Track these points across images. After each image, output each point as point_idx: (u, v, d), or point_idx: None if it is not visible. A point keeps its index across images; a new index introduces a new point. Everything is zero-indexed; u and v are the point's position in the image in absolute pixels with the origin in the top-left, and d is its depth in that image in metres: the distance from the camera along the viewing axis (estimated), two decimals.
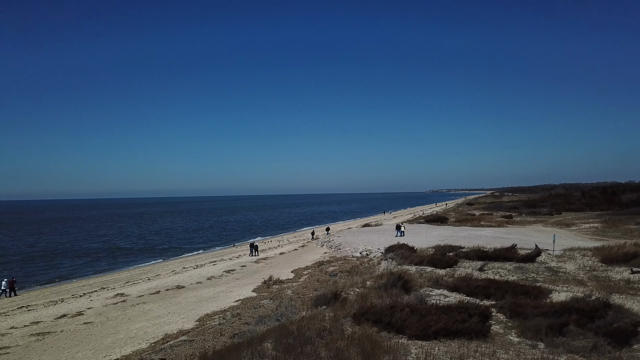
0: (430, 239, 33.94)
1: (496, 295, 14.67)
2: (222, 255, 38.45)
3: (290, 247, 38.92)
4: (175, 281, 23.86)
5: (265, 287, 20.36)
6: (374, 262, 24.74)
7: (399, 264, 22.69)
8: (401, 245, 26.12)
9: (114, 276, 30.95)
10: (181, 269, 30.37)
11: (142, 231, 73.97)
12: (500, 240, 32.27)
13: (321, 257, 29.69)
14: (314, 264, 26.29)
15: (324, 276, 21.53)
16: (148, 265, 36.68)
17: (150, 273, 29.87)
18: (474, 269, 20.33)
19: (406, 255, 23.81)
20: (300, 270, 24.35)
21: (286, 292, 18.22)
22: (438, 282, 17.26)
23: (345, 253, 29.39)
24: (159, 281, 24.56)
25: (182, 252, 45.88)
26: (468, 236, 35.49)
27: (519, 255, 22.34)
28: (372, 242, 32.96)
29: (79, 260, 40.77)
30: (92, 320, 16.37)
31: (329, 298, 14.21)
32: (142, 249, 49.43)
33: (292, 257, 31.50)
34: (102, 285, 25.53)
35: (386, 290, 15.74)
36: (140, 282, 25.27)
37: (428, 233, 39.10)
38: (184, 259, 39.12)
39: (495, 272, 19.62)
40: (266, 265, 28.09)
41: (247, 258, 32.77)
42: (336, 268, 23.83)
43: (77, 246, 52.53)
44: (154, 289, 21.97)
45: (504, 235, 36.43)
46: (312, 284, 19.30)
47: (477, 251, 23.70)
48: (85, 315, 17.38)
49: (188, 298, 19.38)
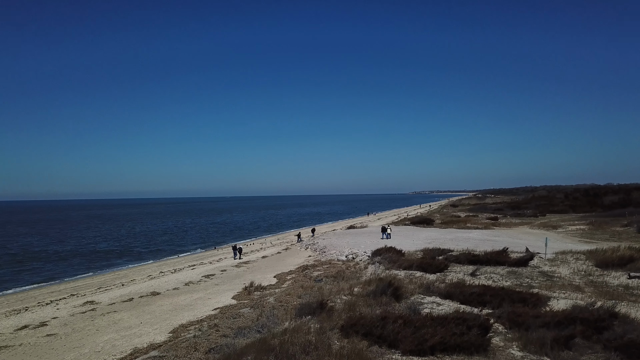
0: (418, 242, 33.26)
1: (492, 303, 13.92)
2: (202, 259, 37.03)
3: (273, 250, 37.74)
4: (151, 287, 22.52)
5: (246, 294, 19.24)
6: (360, 266, 23.86)
7: (387, 268, 21.85)
8: (388, 248, 25.31)
9: (87, 281, 29.29)
10: (158, 273, 28.92)
11: (123, 233, 71.52)
12: (488, 243, 31.79)
13: (305, 260, 28.67)
14: (298, 269, 25.27)
15: (308, 282, 20.55)
16: (124, 270, 35.01)
17: (126, 278, 28.33)
18: (466, 273, 19.64)
19: (394, 259, 22.99)
20: (284, 275, 23.30)
21: (268, 299, 17.17)
22: (430, 289, 16.46)
23: (330, 256, 28.44)
24: (133, 287, 23.17)
25: (161, 255, 44.15)
26: (456, 238, 34.97)
27: (511, 259, 21.76)
28: (358, 245, 32.10)
29: (51, 265, 38.74)
30: (55, 332, 15.02)
31: (314, 307, 13.23)
32: (119, 251, 47.36)
33: (275, 260, 30.38)
34: (72, 292, 23.97)
35: (375, 298, 14.86)
36: (114, 288, 23.81)
37: (415, 235, 38.47)
38: (163, 263, 37.55)
39: (488, 277, 18.95)
40: (248, 269, 26.93)
41: (228, 262, 31.52)
42: (321, 273, 22.86)
43: (51, 249, 50.12)
44: (127, 295, 20.61)
45: (492, 237, 36.05)
46: (296, 291, 18.29)
47: (467, 255, 23.05)
48: (49, 326, 15.98)
49: (163, 306, 18.14)
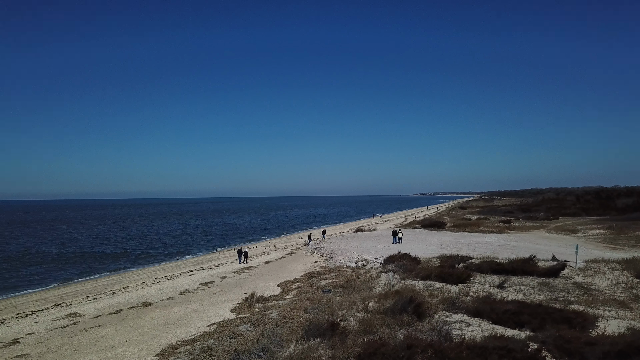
0: (432, 247, 31.17)
1: (532, 324, 11.84)
2: (202, 263, 35.10)
3: (277, 254, 35.72)
4: (143, 296, 20.59)
5: (246, 306, 17.23)
6: (372, 274, 21.81)
7: (402, 278, 19.79)
8: (402, 255, 23.21)
9: (78, 287, 27.42)
10: (154, 279, 27.01)
11: (122, 234, 69.75)
12: (507, 249, 29.66)
13: (311, 267, 26.65)
14: (303, 276, 23.26)
15: (315, 292, 18.52)
16: (119, 274, 33.15)
17: (118, 284, 26.45)
18: (492, 285, 17.55)
19: (410, 268, 20.93)
20: (288, 284, 21.29)
21: (271, 314, 15.16)
22: (455, 304, 14.38)
23: (338, 263, 26.39)
24: (124, 296, 21.24)
25: (159, 259, 42.27)
26: (471, 243, 32.83)
27: (540, 269, 19.63)
28: (368, 250, 30.03)
29: (44, 269, 36.89)
30: (27, 352, 13.08)
31: (324, 328, 11.21)
32: (116, 254, 45.49)
33: (278, 266, 28.37)
34: (58, 300, 22.08)
35: (395, 316, 12.81)
36: (103, 297, 21.90)
37: (427, 240, 36.34)
38: (161, 267, 35.65)
39: (518, 289, 16.84)
40: (249, 276, 24.94)
41: (228, 267, 29.57)
42: (329, 282, 20.83)
43: (46, 251, 48.28)
44: (115, 306, 18.67)
45: (509, 242, 33.87)
46: (302, 303, 16.28)
47: (490, 263, 20.93)
48: (21, 344, 14.06)
49: (154, 319, 16.19)
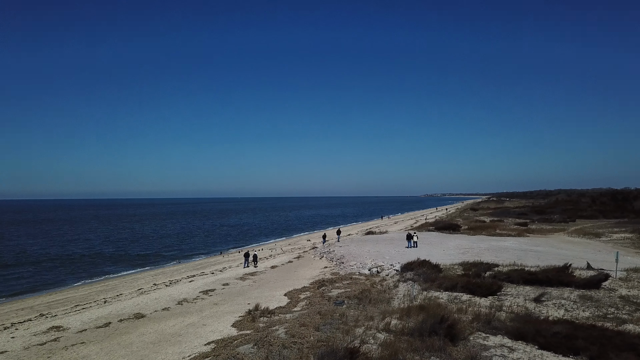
0: (450, 252, 29.04)
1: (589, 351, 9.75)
2: (204, 267, 33.25)
3: (284, 258, 33.77)
4: (137, 306, 18.73)
5: (250, 320, 15.29)
6: (388, 283, 19.78)
7: (424, 288, 17.75)
8: (422, 262, 21.12)
9: (69, 294, 25.63)
10: (151, 286, 25.19)
11: (123, 235, 68.12)
12: (531, 255, 27.48)
13: (321, 273, 24.68)
14: (312, 284, 21.31)
15: (326, 304, 16.55)
16: (116, 279, 31.37)
17: (113, 291, 24.66)
18: (527, 298, 15.44)
19: (431, 277, 18.85)
20: (296, 294, 19.33)
21: (277, 331, 13.22)
22: (490, 323, 12.29)
23: (350, 269, 24.36)
24: (116, 305, 19.39)
25: (160, 262, 40.46)
26: (491, 248, 30.64)
27: (578, 279, 17.47)
28: (382, 255, 27.94)
29: (37, 272, 34.79)
30: None
31: (341, 356, 9.27)
32: (115, 257, 43.51)
33: (285, 272, 26.41)
34: (44, 310, 20.30)
35: (422, 338, 10.82)
36: (94, 306, 20.07)
37: (443, 243, 34.16)
38: (160, 271, 33.83)
39: (558, 304, 14.70)
40: (254, 283, 23.02)
41: (232, 272, 27.69)
42: (341, 291, 18.83)
43: (42, 253, 46.27)
44: (104, 318, 16.81)
45: (532, 247, 31.63)
46: (312, 318, 14.32)
47: (520, 272, 18.77)
48: None
49: (145, 335, 14.30)
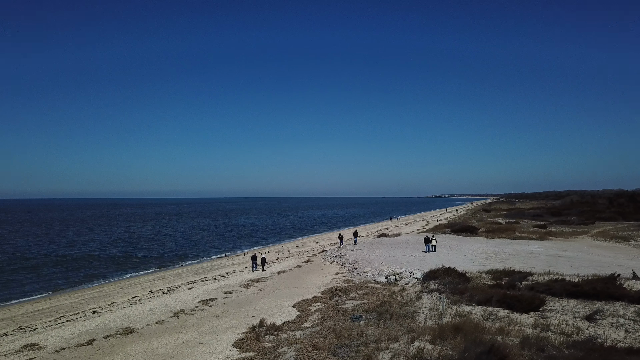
0: (472, 257, 26.74)
1: None
2: (207, 271, 31.25)
3: (291, 262, 31.64)
4: (128, 318, 16.70)
5: (254, 339, 13.18)
6: (409, 294, 17.58)
7: (453, 301, 15.55)
8: (446, 269, 18.84)
9: (59, 301, 23.69)
10: (147, 293, 23.19)
11: (124, 236, 66.12)
12: (561, 261, 25.14)
13: (332, 280, 22.53)
14: (324, 293, 19.18)
15: (341, 319, 14.37)
16: (111, 284, 29.43)
17: (105, 298, 22.70)
18: (577, 316, 13.12)
19: (459, 287, 16.59)
20: (306, 305, 17.18)
21: (286, 354, 11.14)
22: (544, 351, 10.15)
23: (364, 276, 22.16)
24: (105, 317, 17.37)
25: (160, 265, 38.43)
26: (516, 253, 28.28)
27: (630, 292, 15.14)
28: (398, 261, 25.68)
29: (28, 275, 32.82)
30: None
31: None
32: (113, 259, 41.20)
33: (294, 278, 24.29)
34: (26, 320, 18.35)
35: None
36: (80, 317, 18.08)
37: (463, 247, 31.80)
38: (160, 275, 31.86)
39: (615, 323, 12.37)
40: (259, 291, 20.92)
41: (236, 278, 25.64)
42: (357, 303, 16.66)
43: (38, 254, 44.25)
44: (89, 333, 14.79)
45: (559, 252, 29.20)
46: (326, 338, 12.19)
47: (561, 282, 16.44)
48: None
49: (131, 357, 12.25)
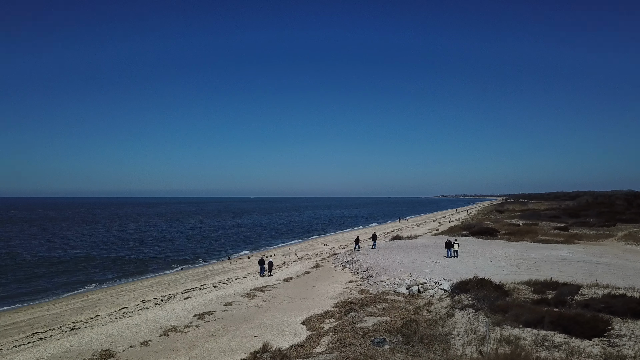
0: (499, 263, 24.10)
1: None
2: (207, 277, 28.85)
3: (299, 267, 29.11)
4: (109, 337, 14.31)
5: None
6: (438, 309, 15.04)
7: (494, 322, 13.01)
8: (479, 280, 16.25)
9: (40, 311, 21.32)
10: (138, 303, 20.81)
11: (125, 236, 63.62)
12: (602, 268, 22.45)
13: (345, 290, 20.00)
14: (337, 306, 16.69)
15: (360, 343, 11.88)
16: (101, 290, 27.01)
17: (90, 309, 20.33)
18: None
19: (498, 304, 14.04)
20: (318, 321, 14.69)
21: None
22: None
23: (382, 286, 19.57)
24: (84, 334, 15.00)
25: (158, 269, 35.89)
26: (547, 259, 25.56)
27: None
28: (419, 268, 23.02)
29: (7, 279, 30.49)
30: None
31: None
32: (108, 262, 38.52)
33: (302, 286, 21.78)
34: None
35: None
36: (56, 334, 15.71)
37: (487, 252, 29.06)
38: (155, 281, 29.44)
39: None
40: (263, 302, 18.46)
41: (238, 285, 23.22)
42: (377, 320, 14.16)
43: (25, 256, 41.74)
44: (59, 357, 12.45)
45: (595, 258, 26.43)
46: None
47: (621, 298, 13.88)
48: None
49: None
